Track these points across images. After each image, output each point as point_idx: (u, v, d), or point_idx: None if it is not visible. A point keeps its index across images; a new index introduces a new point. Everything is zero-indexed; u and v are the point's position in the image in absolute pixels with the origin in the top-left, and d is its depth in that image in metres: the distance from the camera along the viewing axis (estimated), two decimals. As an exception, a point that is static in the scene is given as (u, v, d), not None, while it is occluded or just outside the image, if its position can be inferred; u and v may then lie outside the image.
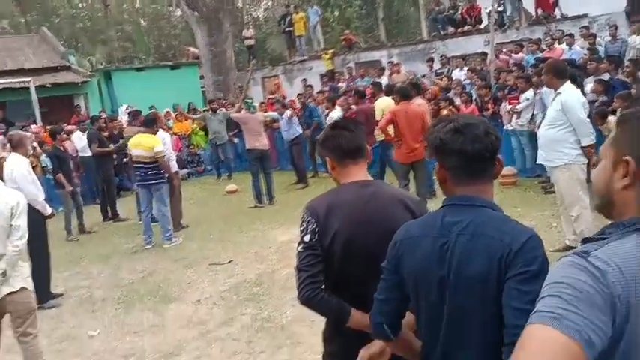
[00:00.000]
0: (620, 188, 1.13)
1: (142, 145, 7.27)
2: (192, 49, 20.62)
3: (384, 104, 8.26)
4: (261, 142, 9.04)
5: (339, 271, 2.01)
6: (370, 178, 2.19)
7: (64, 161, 8.31)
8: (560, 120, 4.99)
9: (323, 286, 1.99)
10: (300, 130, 10.65)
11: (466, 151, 1.50)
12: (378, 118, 7.66)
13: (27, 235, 3.56)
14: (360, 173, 2.13)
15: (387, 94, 8.48)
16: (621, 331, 1.01)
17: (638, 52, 9.98)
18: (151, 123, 7.58)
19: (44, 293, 5.45)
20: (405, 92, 7.27)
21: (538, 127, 6.23)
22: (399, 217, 1.93)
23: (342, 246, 1.98)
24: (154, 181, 7.31)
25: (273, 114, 11.19)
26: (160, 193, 7.34)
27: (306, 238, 2.01)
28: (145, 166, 7.28)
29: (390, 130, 6.92)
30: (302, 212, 2.09)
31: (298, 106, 12.11)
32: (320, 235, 2.00)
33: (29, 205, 5.07)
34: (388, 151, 7.92)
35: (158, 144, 7.23)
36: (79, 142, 10.45)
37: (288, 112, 10.76)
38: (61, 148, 8.45)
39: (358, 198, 2.05)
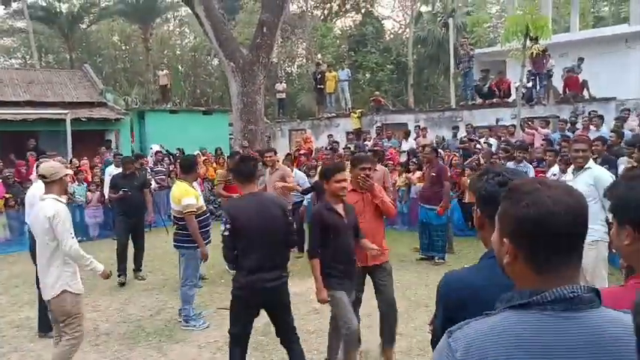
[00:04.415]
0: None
1: (173, 195, 5.79)
2: (161, 74, 20.67)
3: None
4: None
5: (244, 242, 3.78)
6: (256, 190, 4.12)
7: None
8: (590, 195, 4.90)
9: (235, 252, 3.85)
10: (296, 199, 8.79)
11: None
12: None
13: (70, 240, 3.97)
14: (252, 187, 4.02)
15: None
16: None
17: None
18: (188, 168, 5.92)
19: (49, 322, 5.46)
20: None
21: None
22: (276, 212, 3.87)
23: (246, 229, 3.74)
24: (177, 243, 5.78)
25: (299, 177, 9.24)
26: (185, 259, 5.76)
27: (227, 227, 3.76)
28: (178, 222, 5.79)
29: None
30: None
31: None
32: (234, 223, 3.74)
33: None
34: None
35: (187, 195, 5.60)
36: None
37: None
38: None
39: (253, 202, 3.87)
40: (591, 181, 4.92)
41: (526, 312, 1.11)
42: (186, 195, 5.57)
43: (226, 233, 3.74)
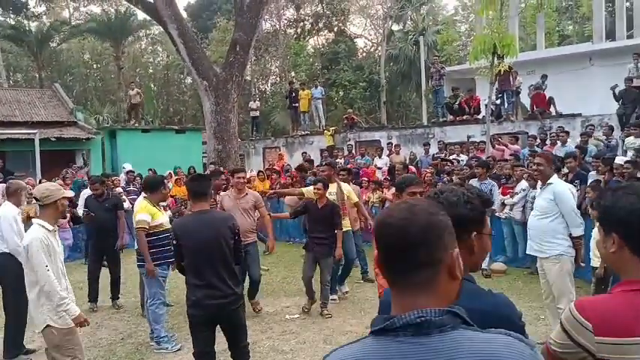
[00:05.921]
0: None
1: (134, 213, 5.88)
2: (132, 92, 19.42)
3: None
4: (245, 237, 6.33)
5: (189, 260, 3.93)
6: (208, 208, 4.15)
7: None
8: (552, 210, 5.01)
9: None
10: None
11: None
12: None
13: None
14: (204, 205, 4.05)
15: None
16: None
17: (636, 152, 9.69)
18: (151, 187, 5.88)
19: (16, 347, 5.31)
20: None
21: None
22: (223, 231, 3.95)
23: (190, 247, 3.90)
24: (139, 262, 5.81)
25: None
26: (146, 277, 5.74)
27: (174, 242, 4.01)
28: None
29: None
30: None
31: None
32: (178, 240, 3.95)
33: (10, 255, 5.06)
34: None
35: (140, 211, 5.64)
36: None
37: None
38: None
39: (200, 220, 3.97)
40: (551, 196, 5.01)
41: (382, 338, 1.13)
42: (142, 211, 5.59)
43: (173, 247, 4.15)
